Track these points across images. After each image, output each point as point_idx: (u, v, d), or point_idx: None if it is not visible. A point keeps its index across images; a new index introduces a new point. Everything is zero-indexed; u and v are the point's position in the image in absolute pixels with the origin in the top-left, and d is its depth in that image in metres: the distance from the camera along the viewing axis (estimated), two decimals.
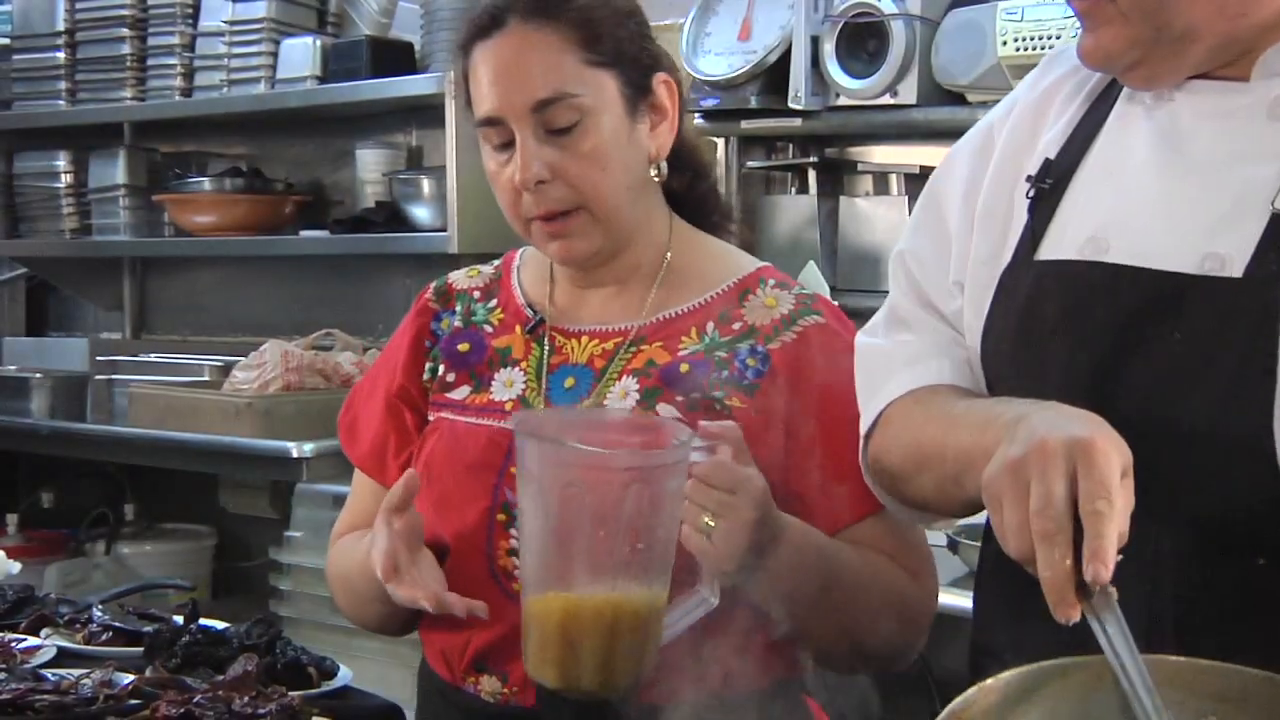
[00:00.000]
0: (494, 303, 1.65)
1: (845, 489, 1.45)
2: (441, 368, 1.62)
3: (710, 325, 1.54)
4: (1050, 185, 1.27)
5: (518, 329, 1.61)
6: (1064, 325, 1.21)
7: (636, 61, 1.53)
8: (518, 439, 1.32)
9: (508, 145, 1.51)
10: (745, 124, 3.10)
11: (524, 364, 1.58)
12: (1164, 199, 1.20)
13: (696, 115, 3.17)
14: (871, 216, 3.02)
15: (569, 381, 1.56)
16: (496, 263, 1.71)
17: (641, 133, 1.54)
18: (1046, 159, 1.29)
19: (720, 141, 3.26)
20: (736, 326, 1.53)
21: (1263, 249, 1.14)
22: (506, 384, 1.58)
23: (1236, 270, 1.14)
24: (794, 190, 3.24)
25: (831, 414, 1.46)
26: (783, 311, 1.53)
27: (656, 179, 1.57)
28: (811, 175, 3.15)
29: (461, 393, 1.60)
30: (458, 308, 1.66)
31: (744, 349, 1.51)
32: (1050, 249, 1.26)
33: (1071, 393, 1.16)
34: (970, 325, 1.32)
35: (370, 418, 1.67)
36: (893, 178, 3.09)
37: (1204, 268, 1.15)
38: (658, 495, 1.27)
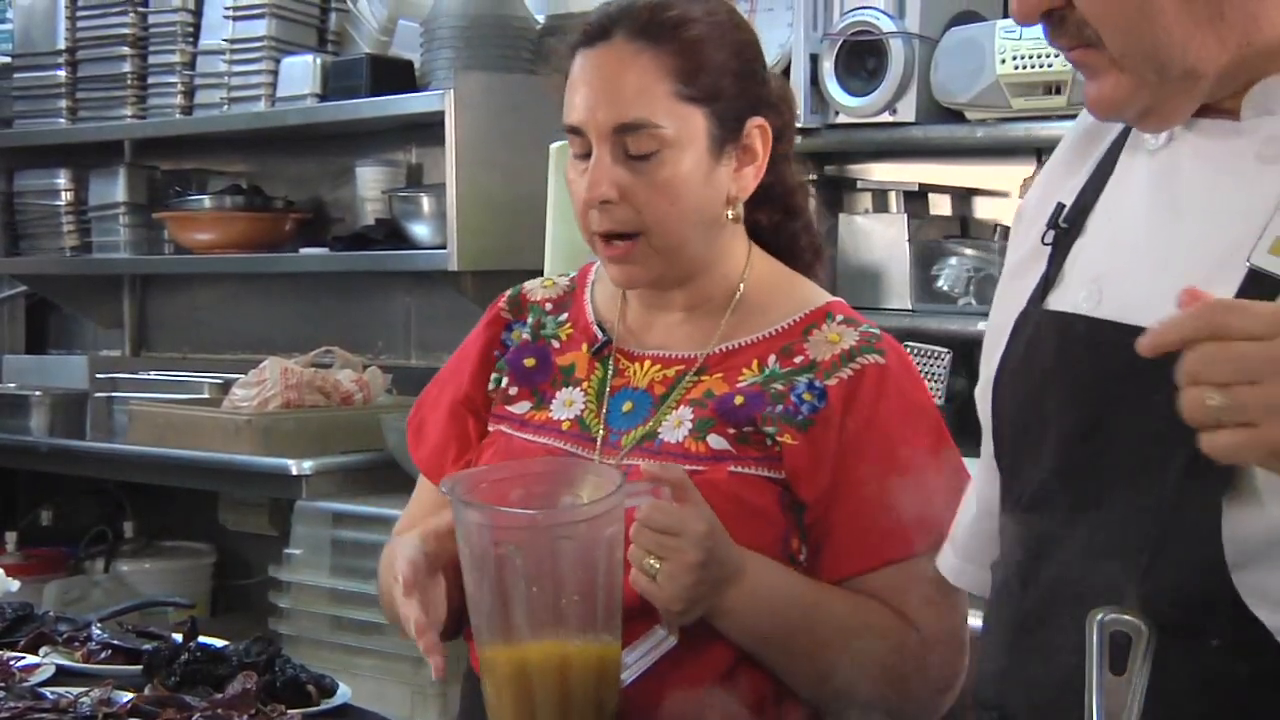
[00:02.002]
0: (564, 317, 1.65)
1: (869, 535, 1.45)
2: (506, 380, 1.64)
3: (772, 358, 1.52)
4: (1065, 230, 1.24)
5: (584, 347, 1.61)
6: (1056, 380, 1.17)
7: (733, 103, 1.51)
8: (452, 503, 1.34)
9: (587, 156, 1.50)
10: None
11: (586, 384, 1.59)
12: (1155, 249, 1.14)
13: None
14: (871, 234, 3.02)
15: (627, 406, 1.56)
16: (573, 274, 1.71)
17: (723, 173, 1.52)
18: (1060, 203, 1.25)
19: None
20: (798, 360, 1.52)
21: None
22: (566, 403, 1.59)
23: None
24: None
25: (869, 457, 1.45)
26: (845, 347, 1.51)
27: (733, 219, 1.55)
28: (811, 192, 3.15)
29: (522, 407, 1.62)
30: (529, 319, 1.66)
31: (802, 383, 1.50)
32: (1058, 298, 1.22)
33: (1064, 451, 1.15)
34: (984, 376, 1.29)
35: (436, 422, 1.68)
36: (892, 195, 3.09)
37: None
38: (589, 547, 1.31)
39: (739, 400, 1.50)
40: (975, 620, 1.44)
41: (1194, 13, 1.07)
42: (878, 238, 2.99)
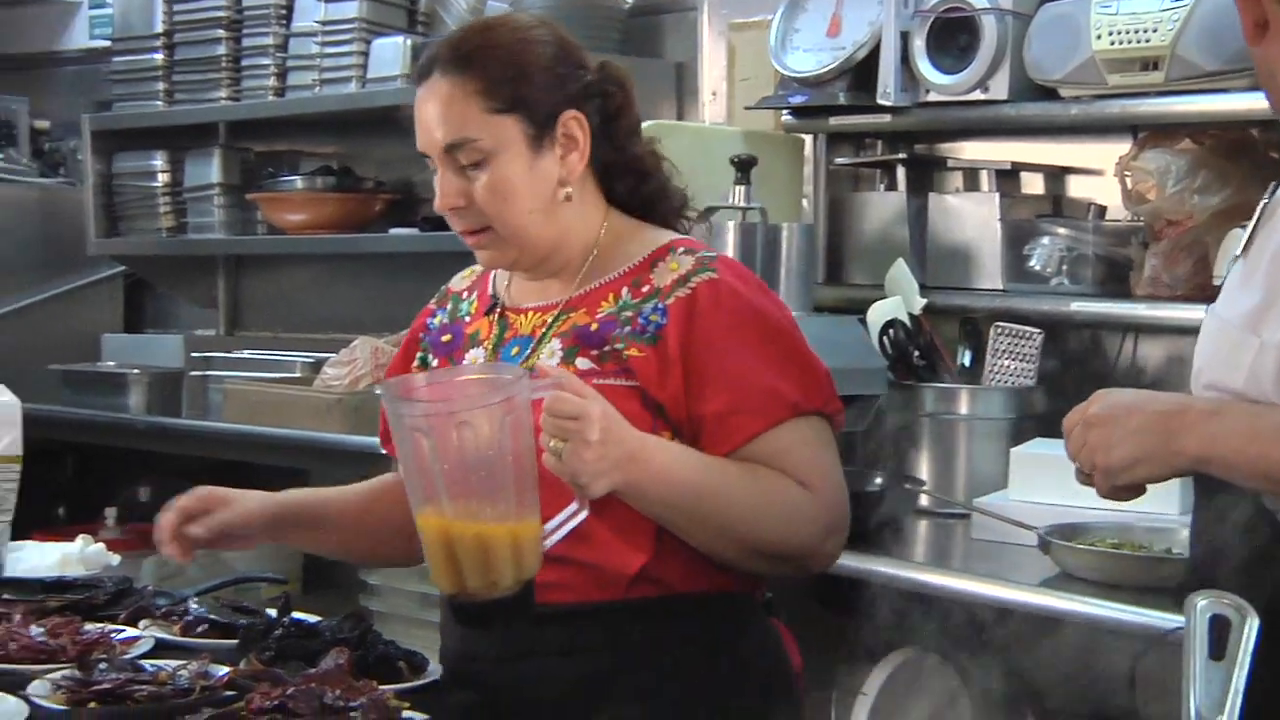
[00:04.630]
0: (474, 296, 1.94)
1: (735, 417, 1.71)
2: (430, 356, 1.93)
3: (625, 291, 1.78)
4: None
5: (484, 315, 1.89)
6: None
7: (540, 105, 1.75)
8: (383, 400, 1.62)
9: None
10: (834, 120, 3.08)
11: (486, 342, 1.86)
12: None
13: (785, 112, 3.15)
14: (961, 213, 2.98)
15: (515, 350, 1.82)
16: None
17: (547, 163, 1.76)
18: None
19: (808, 138, 3.24)
20: (645, 289, 1.77)
21: None
22: (472, 361, 1.86)
23: None
24: (882, 187, 3.21)
25: (721, 353, 1.71)
26: (682, 272, 1.77)
27: (566, 199, 1.78)
28: (900, 172, 3.12)
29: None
30: (449, 306, 1.96)
31: (648, 307, 1.75)
32: None
33: None
34: None
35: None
36: (983, 174, 3.05)
37: None
38: (490, 430, 1.51)
39: (594, 327, 1.77)
40: None
41: None
42: (968, 217, 2.96)
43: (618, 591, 1.71)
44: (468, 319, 1.91)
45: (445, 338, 1.92)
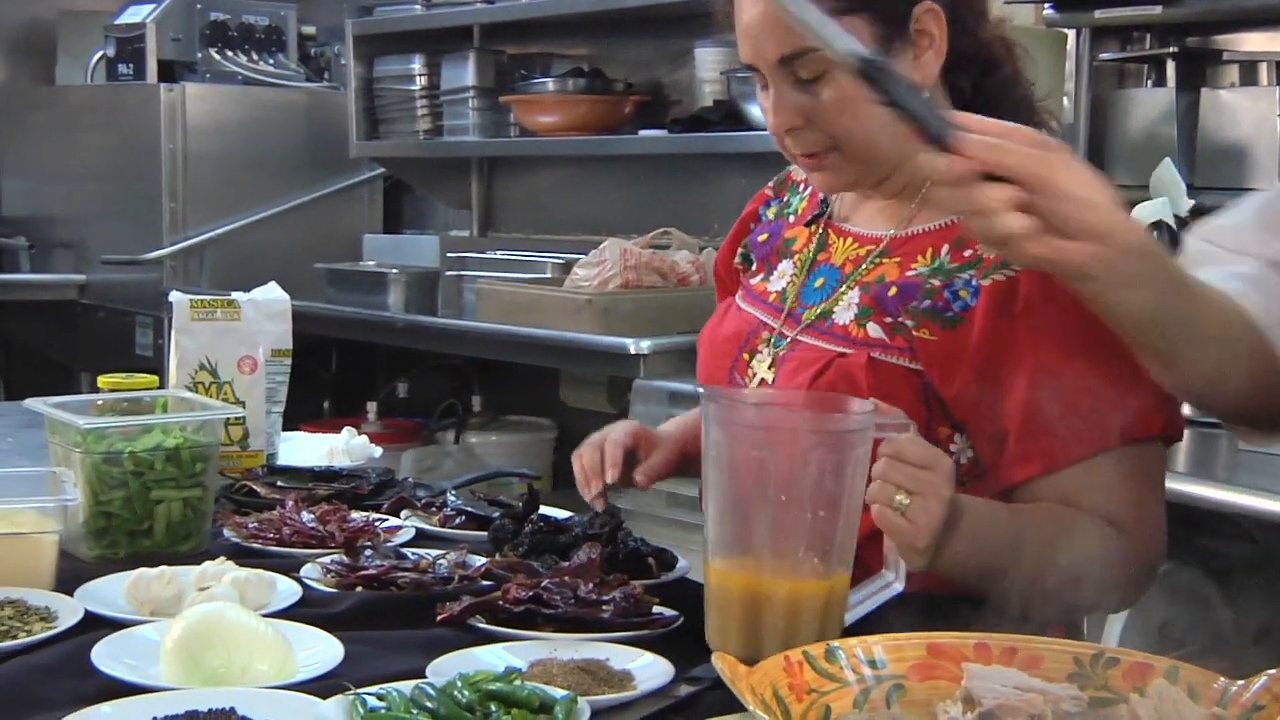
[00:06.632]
0: (807, 193, 1.71)
1: (1045, 438, 1.42)
2: (751, 254, 1.74)
3: (945, 248, 1.52)
4: None
5: (807, 222, 1.68)
6: None
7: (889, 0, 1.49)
8: (703, 403, 1.33)
9: (767, 86, 1.54)
10: (1099, 13, 2.94)
11: (799, 256, 1.65)
12: None
13: (1047, 6, 3.03)
14: (1236, 109, 2.83)
15: (820, 281, 1.60)
16: None
17: (901, 67, 1.49)
18: None
19: (1070, 33, 3.11)
20: (967, 254, 1.50)
21: None
22: (781, 274, 1.65)
23: None
24: (1149, 83, 3.07)
25: (1036, 359, 1.42)
26: None
27: None
28: (1170, 66, 2.98)
29: (757, 277, 1.71)
30: (786, 197, 1.75)
31: (961, 280, 1.48)
32: None
33: None
34: None
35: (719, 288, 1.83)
36: (1262, 67, 2.88)
37: None
38: (842, 463, 1.27)
39: (893, 291, 1.51)
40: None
41: None
42: (1244, 113, 2.80)
43: None
44: (792, 219, 1.69)
45: (762, 236, 1.72)
